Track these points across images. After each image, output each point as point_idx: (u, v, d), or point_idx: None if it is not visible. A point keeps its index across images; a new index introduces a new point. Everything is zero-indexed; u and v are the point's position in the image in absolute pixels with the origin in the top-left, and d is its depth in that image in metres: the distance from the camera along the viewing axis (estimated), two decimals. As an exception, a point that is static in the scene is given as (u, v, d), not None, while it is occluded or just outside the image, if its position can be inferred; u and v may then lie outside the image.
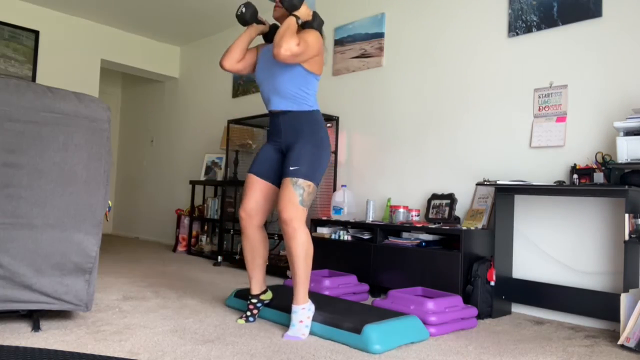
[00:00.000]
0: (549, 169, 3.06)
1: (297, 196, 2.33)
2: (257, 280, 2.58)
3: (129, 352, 1.96)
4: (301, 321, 2.30)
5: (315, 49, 2.40)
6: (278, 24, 2.60)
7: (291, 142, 2.46)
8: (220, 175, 5.40)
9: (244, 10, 2.53)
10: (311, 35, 2.39)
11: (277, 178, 2.54)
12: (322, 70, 2.54)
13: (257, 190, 2.54)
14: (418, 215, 3.57)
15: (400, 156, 3.90)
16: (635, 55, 2.79)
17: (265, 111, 4.70)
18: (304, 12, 2.43)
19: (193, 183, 5.51)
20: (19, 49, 5.35)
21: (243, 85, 5.59)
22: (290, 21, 2.38)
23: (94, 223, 2.27)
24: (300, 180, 2.35)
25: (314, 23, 2.48)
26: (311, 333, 2.32)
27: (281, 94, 2.48)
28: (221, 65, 2.58)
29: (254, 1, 2.72)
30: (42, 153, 2.15)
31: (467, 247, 2.98)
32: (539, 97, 3.14)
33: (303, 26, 2.47)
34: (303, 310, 2.32)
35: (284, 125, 2.48)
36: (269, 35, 2.65)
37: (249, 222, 2.53)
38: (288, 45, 2.27)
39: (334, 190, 4.24)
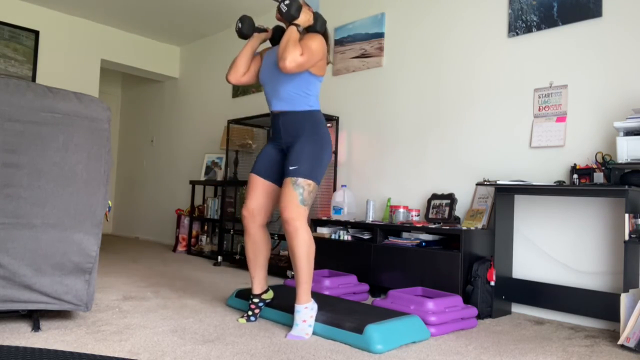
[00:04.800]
0: (549, 169, 3.06)
1: (297, 195, 2.34)
2: (259, 280, 2.59)
3: (129, 352, 1.96)
4: (304, 320, 2.31)
5: (320, 54, 2.41)
6: (282, 24, 2.60)
7: (291, 141, 2.48)
8: (220, 175, 5.40)
9: (240, 25, 2.56)
10: (314, 41, 2.39)
11: (278, 177, 2.57)
12: (325, 71, 2.55)
13: (259, 190, 2.56)
14: (418, 215, 3.57)
15: (400, 156, 3.90)
16: (635, 55, 2.79)
17: (265, 111, 4.70)
18: (304, 19, 2.44)
19: (193, 183, 5.51)
20: (19, 49, 5.35)
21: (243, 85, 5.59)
22: (291, 31, 2.38)
23: (94, 223, 2.27)
24: (300, 180, 2.36)
25: (317, 25, 2.48)
26: (313, 333, 2.32)
27: (282, 96, 2.50)
28: (227, 80, 2.63)
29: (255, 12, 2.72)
30: (42, 153, 2.15)
31: (467, 247, 2.98)
32: (539, 97, 3.14)
33: (307, 30, 2.48)
34: (306, 310, 2.32)
35: (283, 126, 2.50)
36: (274, 39, 2.67)
37: (251, 221, 2.55)
38: (292, 56, 2.29)
39: (334, 190, 4.24)
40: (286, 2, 2.37)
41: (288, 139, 2.49)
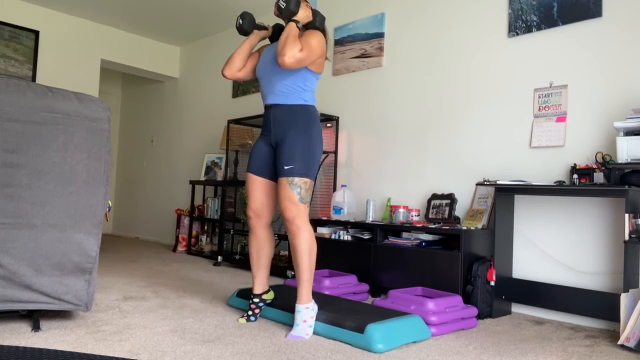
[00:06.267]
0: (549, 169, 3.06)
1: (295, 195, 2.35)
2: (261, 280, 2.59)
3: (129, 352, 1.96)
4: (305, 321, 2.31)
5: (319, 51, 2.40)
6: (282, 23, 2.61)
7: (281, 135, 2.45)
8: (220, 175, 5.40)
9: (241, 21, 2.56)
10: (314, 38, 2.39)
11: (272, 174, 2.56)
12: (323, 69, 2.55)
13: (258, 189, 2.57)
14: (418, 215, 3.57)
15: (400, 156, 3.90)
16: (635, 55, 2.79)
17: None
18: (303, 15, 2.44)
19: (193, 183, 5.51)
20: (19, 49, 5.35)
21: (243, 85, 5.59)
22: (291, 27, 2.38)
23: (94, 223, 2.27)
24: (296, 179, 2.37)
25: (316, 21, 2.48)
26: (313, 332, 2.32)
27: (278, 90, 2.48)
28: (222, 74, 2.61)
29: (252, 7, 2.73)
30: (42, 153, 2.15)
31: (467, 247, 2.98)
32: (539, 97, 3.14)
33: (306, 27, 2.48)
34: (307, 310, 2.32)
35: (274, 118, 2.48)
36: (274, 37, 2.67)
37: (257, 222, 2.57)
38: (291, 52, 2.28)
39: (334, 190, 4.24)
40: None
41: (278, 132, 2.46)
